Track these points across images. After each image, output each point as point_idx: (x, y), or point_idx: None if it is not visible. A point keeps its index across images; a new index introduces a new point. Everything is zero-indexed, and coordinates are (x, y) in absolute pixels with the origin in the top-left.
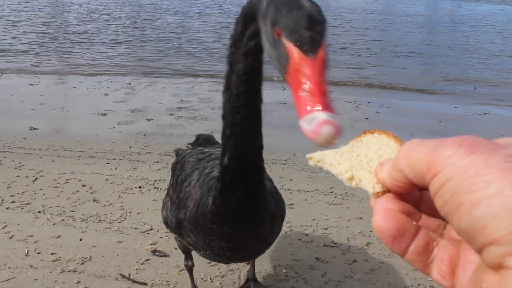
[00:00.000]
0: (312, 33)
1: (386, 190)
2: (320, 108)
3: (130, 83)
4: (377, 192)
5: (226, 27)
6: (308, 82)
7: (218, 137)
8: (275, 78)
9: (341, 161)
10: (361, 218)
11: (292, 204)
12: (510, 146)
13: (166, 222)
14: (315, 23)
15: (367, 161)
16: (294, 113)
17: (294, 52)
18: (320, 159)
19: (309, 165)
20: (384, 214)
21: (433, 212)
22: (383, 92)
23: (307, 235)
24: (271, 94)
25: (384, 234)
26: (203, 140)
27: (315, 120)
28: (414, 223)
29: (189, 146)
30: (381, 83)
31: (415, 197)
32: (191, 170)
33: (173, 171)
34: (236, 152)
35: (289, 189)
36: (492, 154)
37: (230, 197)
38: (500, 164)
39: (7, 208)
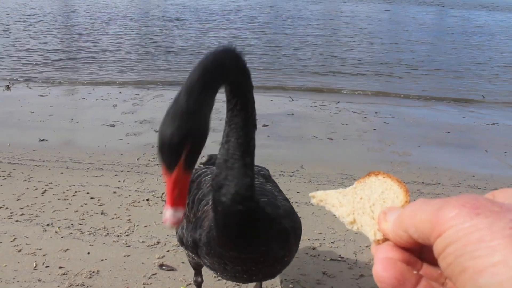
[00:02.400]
0: (165, 160)
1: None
2: (168, 207)
3: (138, 94)
4: (378, 240)
5: (237, 39)
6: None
7: None
8: (283, 87)
9: (344, 203)
10: None
11: (300, 217)
12: None
13: (181, 241)
14: (164, 152)
15: (370, 205)
16: (302, 124)
17: (162, 170)
18: (322, 199)
19: (316, 177)
20: (384, 263)
21: (435, 261)
22: (391, 102)
23: (314, 249)
24: (279, 105)
25: (384, 284)
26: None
27: (165, 214)
28: (415, 272)
29: (201, 165)
30: (388, 93)
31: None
32: (208, 190)
33: (189, 190)
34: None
35: (296, 202)
36: (497, 218)
37: (219, 215)
38: (505, 230)
39: (16, 221)
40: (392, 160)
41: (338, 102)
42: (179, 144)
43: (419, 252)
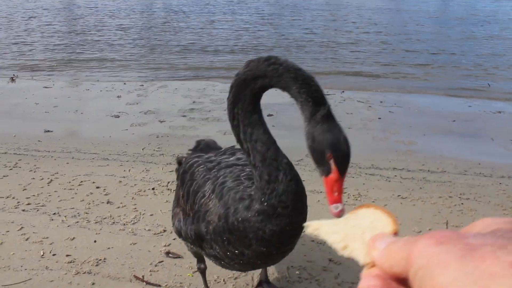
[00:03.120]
0: (347, 167)
1: None
2: (340, 202)
3: (142, 85)
4: (368, 263)
5: (240, 29)
6: (337, 189)
7: (229, 139)
8: None
9: (336, 231)
10: None
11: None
12: (473, 235)
13: (179, 233)
14: (349, 161)
15: (361, 232)
16: None
17: (336, 174)
18: (317, 228)
19: None
20: None
21: None
22: (396, 91)
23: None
24: (283, 95)
25: None
26: (204, 146)
27: (338, 208)
28: None
29: (190, 152)
30: (393, 82)
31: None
32: (203, 180)
33: (182, 180)
34: (264, 139)
35: None
36: (454, 243)
37: (280, 182)
38: (458, 252)
39: (23, 210)
40: (397, 149)
41: (343, 91)
42: (348, 157)
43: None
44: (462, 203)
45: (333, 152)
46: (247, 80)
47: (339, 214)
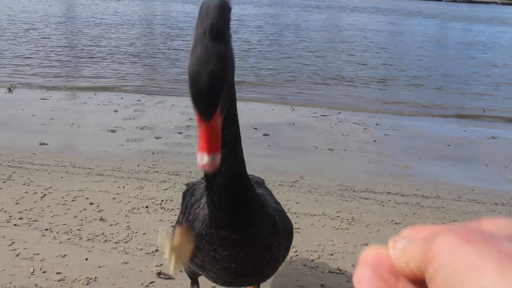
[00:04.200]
0: (199, 104)
1: None
2: (204, 151)
3: (139, 100)
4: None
5: (237, 46)
6: (199, 135)
7: None
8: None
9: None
10: (367, 244)
11: (298, 228)
12: (504, 239)
13: None
14: (204, 99)
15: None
16: (303, 134)
17: (196, 117)
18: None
19: (316, 188)
20: None
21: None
22: (392, 114)
23: (312, 260)
24: (280, 115)
25: None
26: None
27: (202, 159)
28: None
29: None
30: (389, 106)
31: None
32: (201, 195)
33: (183, 198)
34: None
35: (295, 213)
36: (487, 247)
37: (215, 193)
38: (494, 258)
39: (15, 225)
40: (392, 173)
41: (339, 112)
42: (216, 86)
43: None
44: None
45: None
46: None
47: (202, 167)
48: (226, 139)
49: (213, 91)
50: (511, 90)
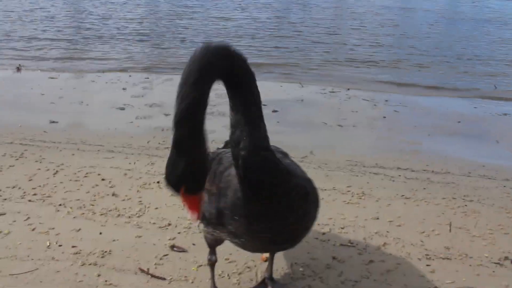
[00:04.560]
0: (189, 189)
1: None
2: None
3: (148, 78)
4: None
5: (246, 26)
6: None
7: None
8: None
9: None
10: (377, 218)
11: None
12: None
13: (203, 216)
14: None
15: None
16: (312, 110)
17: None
18: None
19: (326, 164)
20: None
21: None
22: (401, 90)
23: (323, 234)
24: (289, 91)
25: None
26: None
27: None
28: None
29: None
30: (399, 82)
31: None
32: (229, 163)
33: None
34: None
35: None
36: None
37: (239, 168)
38: None
39: (29, 201)
40: (401, 149)
41: (348, 89)
42: (174, 186)
43: None
44: (465, 205)
45: None
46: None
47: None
48: (250, 118)
49: (171, 187)
50: None
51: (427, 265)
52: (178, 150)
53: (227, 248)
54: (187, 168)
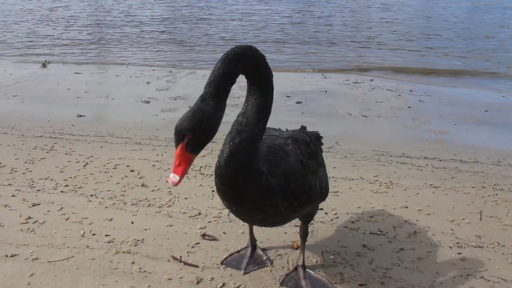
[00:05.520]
0: (175, 138)
1: None
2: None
3: (171, 71)
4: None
5: (270, 18)
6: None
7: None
8: (309, 70)
9: None
10: (406, 207)
11: (337, 192)
12: None
13: None
14: (174, 133)
15: None
16: (336, 101)
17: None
18: None
19: (352, 154)
20: None
21: None
22: (426, 80)
23: (353, 222)
24: (312, 82)
25: None
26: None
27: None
28: None
29: None
30: (424, 71)
31: None
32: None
33: None
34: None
35: (333, 177)
36: None
37: (220, 158)
38: None
39: (61, 192)
40: (428, 138)
41: (372, 79)
42: (179, 132)
43: None
44: (496, 194)
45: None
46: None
47: (173, 183)
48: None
49: (176, 132)
50: None
51: (459, 253)
52: (201, 101)
53: (258, 236)
54: (200, 119)
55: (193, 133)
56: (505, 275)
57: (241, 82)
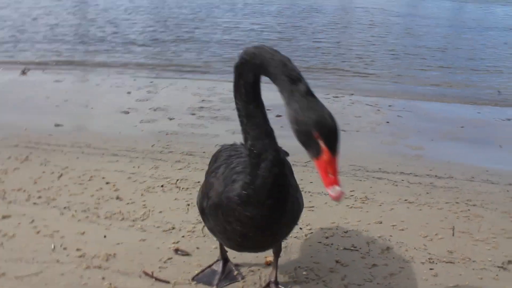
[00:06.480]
0: (337, 144)
1: None
2: (337, 184)
3: (152, 82)
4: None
5: (256, 28)
6: (331, 170)
7: (237, 139)
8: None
9: None
10: (381, 223)
11: (313, 207)
12: None
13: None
14: (338, 137)
15: None
16: None
17: (327, 153)
18: None
19: None
20: None
21: None
22: (405, 96)
23: (327, 237)
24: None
25: None
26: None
27: (336, 190)
28: None
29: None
30: (401, 88)
31: None
32: (220, 163)
33: (209, 163)
34: (254, 132)
35: (309, 192)
36: None
37: (258, 176)
38: None
39: (34, 204)
40: (405, 154)
41: (352, 94)
42: (318, 126)
43: None
44: (469, 209)
45: (320, 130)
46: (238, 68)
47: (338, 197)
48: (268, 131)
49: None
50: None
51: (430, 269)
52: (312, 95)
53: (230, 253)
54: (327, 111)
55: (325, 133)
56: None
57: (222, 94)
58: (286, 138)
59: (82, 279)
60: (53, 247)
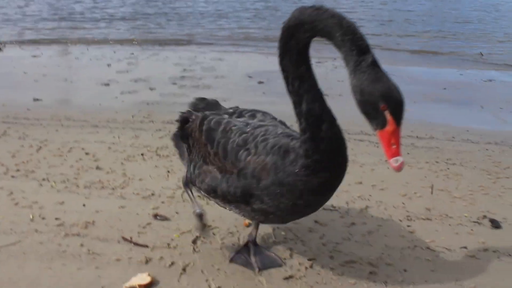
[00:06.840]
0: (402, 116)
1: None
2: (399, 155)
3: (133, 53)
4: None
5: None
6: (395, 141)
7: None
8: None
9: None
10: (361, 183)
11: None
12: None
13: (213, 190)
14: (404, 109)
15: None
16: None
17: (392, 125)
18: None
19: None
20: None
21: None
22: (388, 59)
23: None
24: (275, 63)
25: None
26: (207, 105)
27: (398, 161)
28: None
29: (190, 110)
30: (387, 54)
31: None
32: (241, 138)
33: (209, 138)
34: (309, 94)
35: None
36: None
37: (323, 139)
38: None
39: (12, 177)
40: None
41: (335, 59)
42: (383, 96)
43: None
44: (448, 168)
45: (387, 102)
46: (290, 28)
47: (400, 168)
48: (321, 92)
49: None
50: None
51: (408, 226)
52: (378, 66)
53: (209, 216)
54: (393, 83)
55: (393, 102)
56: (449, 244)
57: (204, 63)
58: (269, 104)
59: (61, 247)
60: (31, 217)
